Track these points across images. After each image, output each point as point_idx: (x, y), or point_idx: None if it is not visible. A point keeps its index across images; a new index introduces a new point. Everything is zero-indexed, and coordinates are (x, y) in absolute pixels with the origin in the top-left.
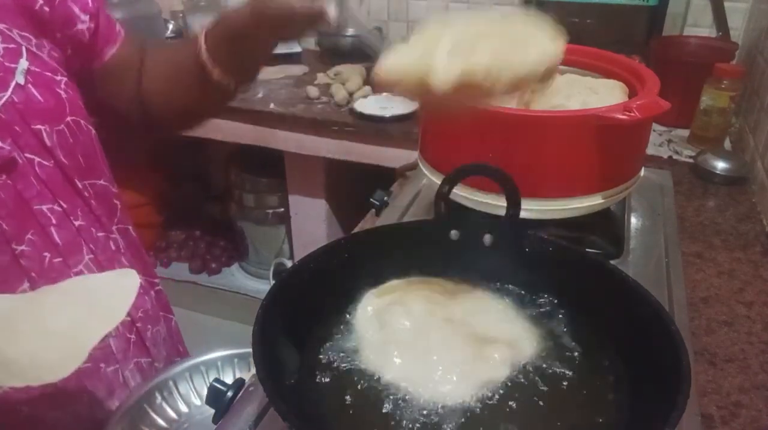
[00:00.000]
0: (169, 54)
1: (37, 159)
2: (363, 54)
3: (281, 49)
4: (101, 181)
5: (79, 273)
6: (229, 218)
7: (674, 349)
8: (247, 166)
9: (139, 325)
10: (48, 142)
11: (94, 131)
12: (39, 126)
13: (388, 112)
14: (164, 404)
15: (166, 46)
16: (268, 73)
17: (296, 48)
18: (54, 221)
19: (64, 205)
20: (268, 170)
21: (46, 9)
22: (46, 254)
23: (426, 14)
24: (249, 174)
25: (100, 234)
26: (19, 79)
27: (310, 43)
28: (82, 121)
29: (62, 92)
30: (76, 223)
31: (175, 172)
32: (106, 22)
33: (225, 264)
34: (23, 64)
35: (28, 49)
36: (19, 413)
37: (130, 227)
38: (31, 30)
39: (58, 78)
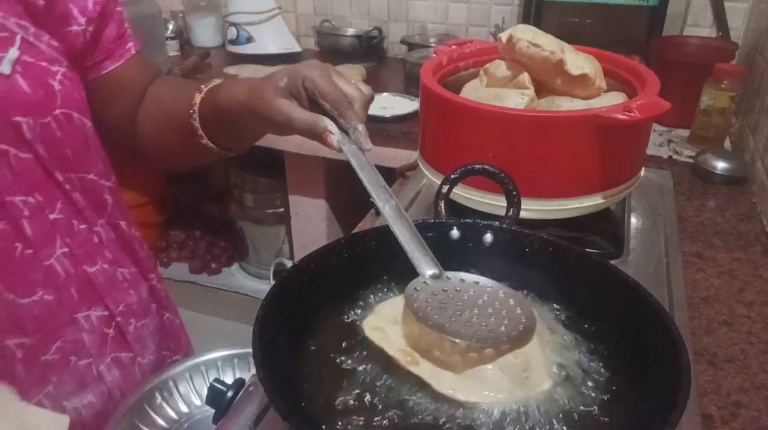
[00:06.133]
0: (171, 95)
1: (12, 151)
2: (363, 54)
3: (281, 48)
4: (90, 176)
5: (51, 266)
6: (229, 218)
7: (674, 349)
8: (247, 166)
9: (119, 319)
10: (28, 135)
11: (89, 124)
12: (19, 118)
13: (388, 112)
14: (164, 404)
15: (173, 83)
16: (268, 73)
17: (296, 48)
18: (26, 213)
19: (40, 198)
20: (268, 170)
21: (41, 2)
22: (17, 244)
23: (426, 14)
24: (249, 174)
25: (81, 227)
26: (5, 68)
27: (310, 43)
28: (74, 114)
29: (56, 83)
30: (52, 216)
31: (175, 173)
32: (115, 35)
33: (225, 264)
34: (12, 53)
35: (23, 39)
36: None
37: (123, 223)
38: (30, 19)
39: (55, 68)
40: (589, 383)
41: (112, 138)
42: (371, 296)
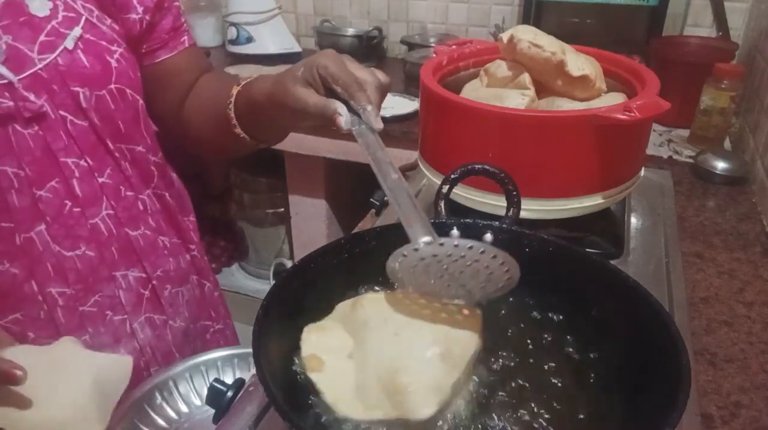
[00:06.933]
0: (214, 88)
1: (70, 117)
2: (363, 54)
3: (281, 48)
4: (139, 148)
5: (95, 225)
6: (229, 218)
7: (674, 349)
8: (247, 166)
9: (155, 283)
10: (84, 104)
11: (141, 102)
12: (77, 88)
13: (388, 112)
14: (164, 404)
15: (218, 77)
16: (268, 73)
17: (296, 48)
18: (77, 174)
19: (91, 162)
20: (268, 170)
21: None
22: (67, 202)
23: (426, 14)
24: (249, 174)
25: (128, 193)
26: (69, 44)
27: (310, 43)
28: (128, 91)
29: (113, 61)
30: (101, 179)
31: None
32: (170, 27)
33: (225, 264)
34: (76, 31)
35: (87, 20)
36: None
37: (167, 195)
38: (95, 3)
39: (114, 48)
40: (590, 382)
41: (161, 125)
42: None
